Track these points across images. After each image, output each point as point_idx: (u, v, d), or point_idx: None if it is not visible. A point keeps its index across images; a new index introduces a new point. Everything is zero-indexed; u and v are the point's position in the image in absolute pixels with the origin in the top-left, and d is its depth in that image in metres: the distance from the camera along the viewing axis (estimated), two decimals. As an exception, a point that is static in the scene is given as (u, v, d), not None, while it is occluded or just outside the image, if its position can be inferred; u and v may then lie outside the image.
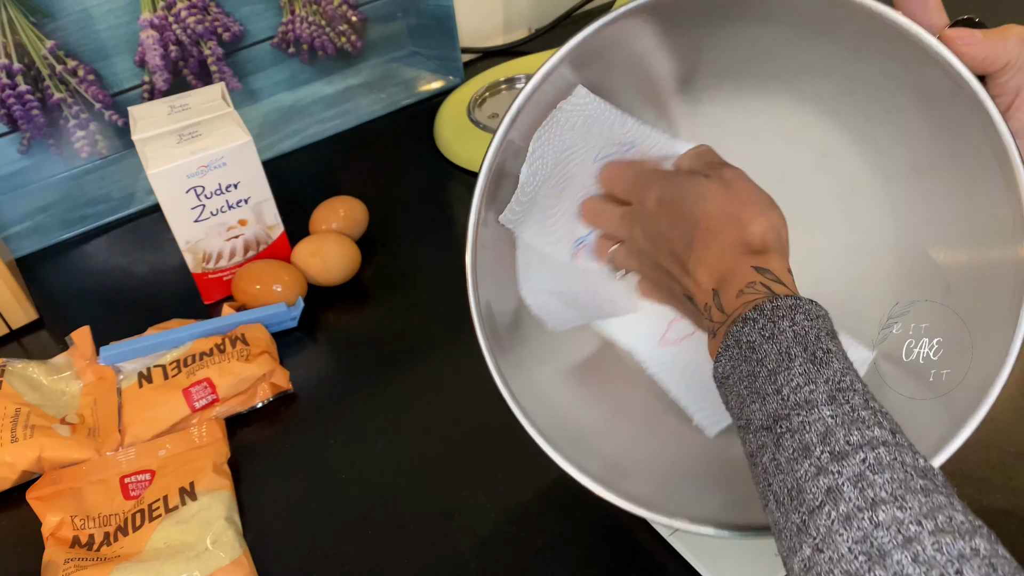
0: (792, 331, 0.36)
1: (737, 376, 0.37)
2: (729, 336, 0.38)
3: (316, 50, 0.91)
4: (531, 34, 1.03)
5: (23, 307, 0.67)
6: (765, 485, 0.35)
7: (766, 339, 0.36)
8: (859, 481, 0.31)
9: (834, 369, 0.35)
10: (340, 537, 0.51)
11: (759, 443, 0.35)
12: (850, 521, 0.30)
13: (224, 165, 0.62)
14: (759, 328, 0.37)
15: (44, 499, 0.53)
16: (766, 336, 0.36)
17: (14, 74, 0.76)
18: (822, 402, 0.33)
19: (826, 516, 0.31)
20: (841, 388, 0.34)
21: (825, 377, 0.34)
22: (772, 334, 0.36)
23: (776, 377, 0.35)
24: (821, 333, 0.36)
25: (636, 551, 0.49)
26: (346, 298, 0.69)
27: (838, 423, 0.33)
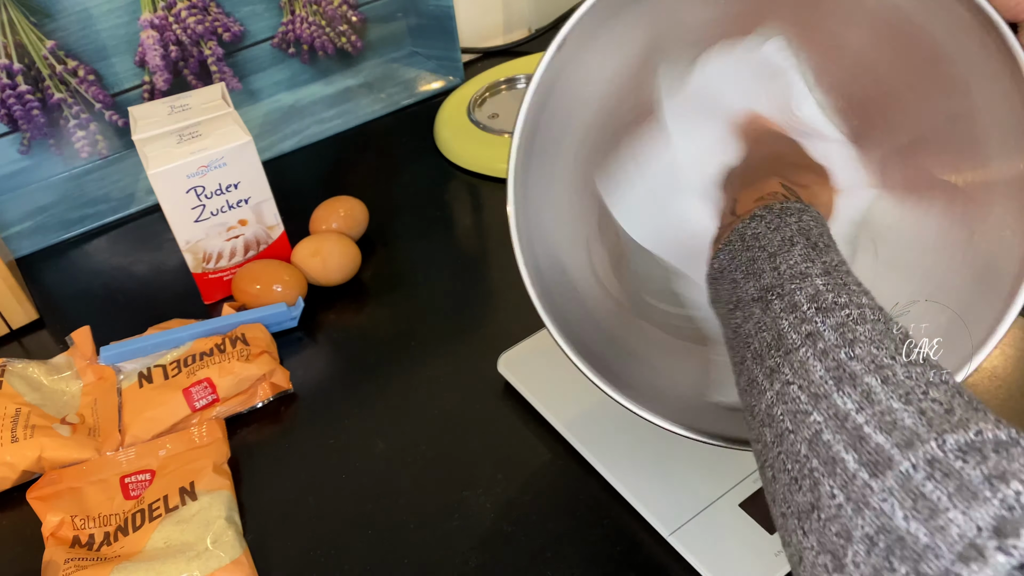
0: (797, 225, 0.37)
1: (735, 264, 0.38)
2: (734, 232, 0.39)
3: (316, 50, 0.91)
4: (531, 34, 1.03)
5: (23, 307, 0.67)
6: (743, 349, 0.35)
7: (771, 230, 0.37)
8: (840, 327, 0.32)
9: (832, 256, 0.36)
10: (340, 537, 0.51)
11: (746, 314, 0.36)
12: (826, 354, 0.31)
13: (224, 165, 0.62)
14: (766, 222, 0.38)
15: (44, 499, 0.53)
16: (772, 228, 0.37)
17: (14, 74, 0.76)
18: (817, 274, 0.34)
19: (803, 352, 0.32)
20: (839, 270, 0.35)
21: (824, 260, 0.35)
22: (777, 227, 0.37)
23: (775, 259, 0.36)
24: (825, 232, 0.37)
25: (636, 551, 0.49)
26: (346, 298, 0.69)
27: (829, 288, 0.34)
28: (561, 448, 0.55)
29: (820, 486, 0.28)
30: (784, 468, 0.30)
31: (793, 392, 0.31)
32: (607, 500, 0.51)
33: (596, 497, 0.52)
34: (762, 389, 0.33)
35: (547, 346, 0.59)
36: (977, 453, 0.26)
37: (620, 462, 0.52)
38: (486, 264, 0.71)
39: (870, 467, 0.27)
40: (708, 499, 0.49)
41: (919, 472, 0.26)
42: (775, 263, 0.36)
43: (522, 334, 0.60)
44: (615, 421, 0.54)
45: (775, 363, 0.33)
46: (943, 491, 0.25)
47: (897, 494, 0.26)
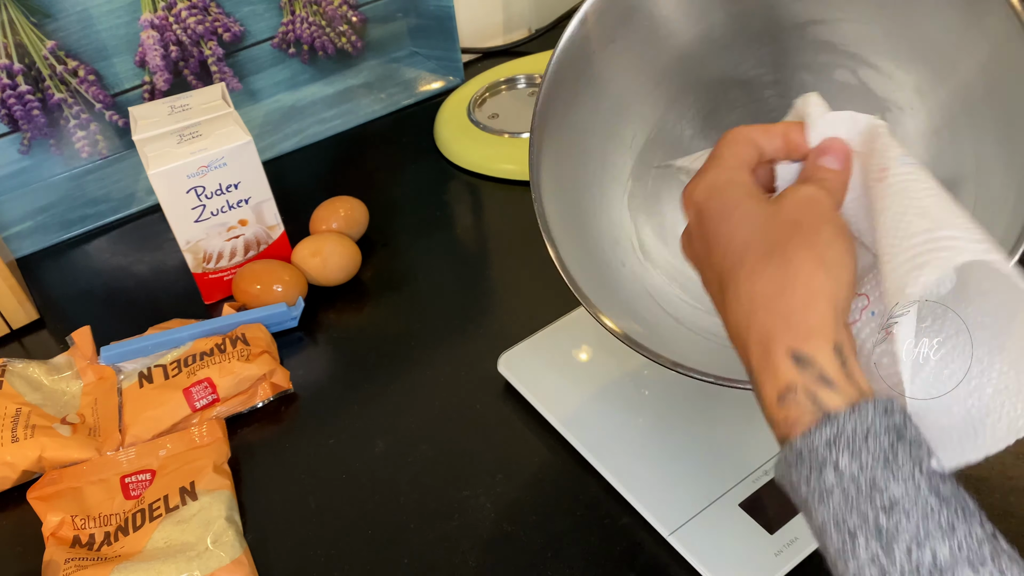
0: (840, 490, 0.30)
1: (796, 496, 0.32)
2: (777, 468, 0.33)
3: (316, 50, 0.91)
4: (531, 34, 1.03)
5: (24, 307, 0.67)
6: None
7: (818, 500, 0.30)
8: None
9: (906, 540, 0.29)
10: (340, 537, 0.51)
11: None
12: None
13: (224, 165, 0.62)
14: (804, 478, 0.31)
15: (45, 499, 0.53)
16: (817, 497, 0.31)
17: (15, 74, 0.76)
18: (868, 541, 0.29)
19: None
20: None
21: (899, 565, 0.28)
22: (820, 493, 0.30)
23: (846, 557, 0.30)
24: (875, 474, 0.30)
25: (636, 551, 0.49)
26: (346, 298, 0.69)
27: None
28: (561, 448, 0.55)
29: None
30: None
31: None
32: (607, 500, 0.51)
33: (596, 497, 0.52)
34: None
35: (547, 346, 0.60)
36: None
37: (620, 462, 0.52)
38: (486, 264, 0.71)
39: None
40: (708, 499, 0.49)
41: None
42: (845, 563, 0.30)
43: (522, 334, 0.60)
44: (615, 421, 0.54)
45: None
46: None
47: None
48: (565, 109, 0.50)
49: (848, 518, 0.30)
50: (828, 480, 0.30)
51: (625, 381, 0.56)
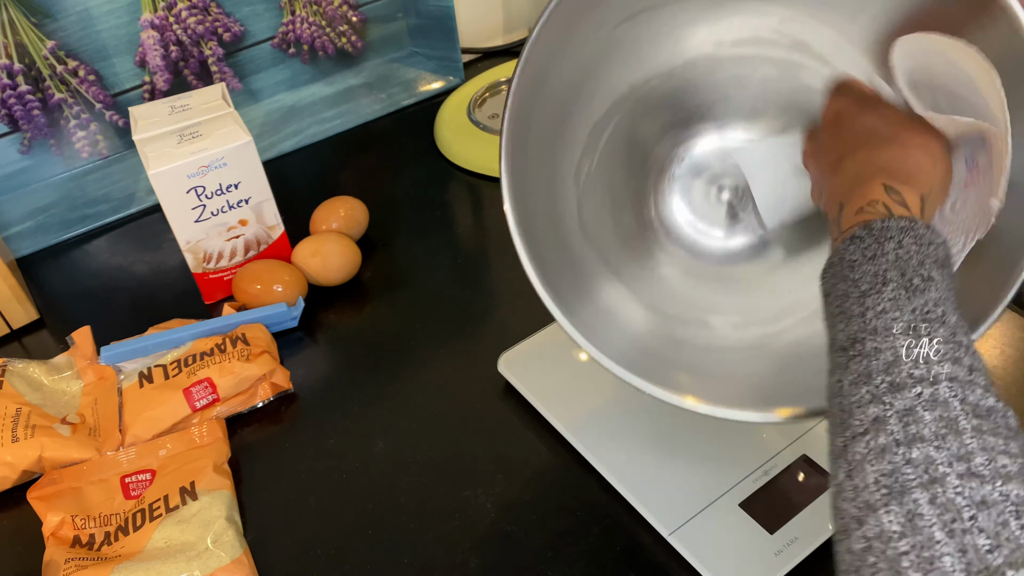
0: (895, 254, 0.35)
1: (834, 294, 0.37)
2: (835, 253, 0.38)
3: (316, 50, 0.91)
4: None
5: (24, 307, 0.67)
6: (829, 403, 0.35)
7: (867, 260, 0.35)
8: (907, 415, 0.30)
9: (927, 299, 0.34)
10: (340, 537, 0.51)
11: (835, 363, 0.35)
12: (883, 454, 0.30)
13: (225, 165, 0.62)
14: (863, 248, 0.36)
15: (45, 499, 0.53)
16: (868, 257, 0.36)
17: (15, 74, 0.76)
18: (900, 331, 0.33)
19: (864, 445, 0.31)
20: (928, 319, 0.33)
21: (914, 306, 0.33)
22: (874, 255, 0.35)
23: (865, 300, 0.34)
24: (927, 259, 0.35)
25: (636, 551, 0.49)
26: (346, 298, 0.69)
27: (908, 355, 0.32)
28: (561, 448, 0.55)
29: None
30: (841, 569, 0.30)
31: (850, 492, 0.30)
32: (607, 500, 0.51)
33: (596, 497, 0.52)
34: (834, 469, 0.32)
35: (547, 346, 0.60)
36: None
37: (620, 462, 0.52)
38: (486, 264, 0.71)
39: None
40: (708, 499, 0.49)
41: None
42: (863, 306, 0.34)
43: (522, 334, 0.60)
44: (615, 421, 0.54)
45: (842, 445, 0.32)
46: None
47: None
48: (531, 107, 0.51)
49: (891, 272, 0.35)
50: (888, 248, 0.35)
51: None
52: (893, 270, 0.35)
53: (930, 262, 0.35)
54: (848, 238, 0.37)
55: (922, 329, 0.33)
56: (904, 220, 0.36)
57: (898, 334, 0.33)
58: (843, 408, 0.33)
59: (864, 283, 0.35)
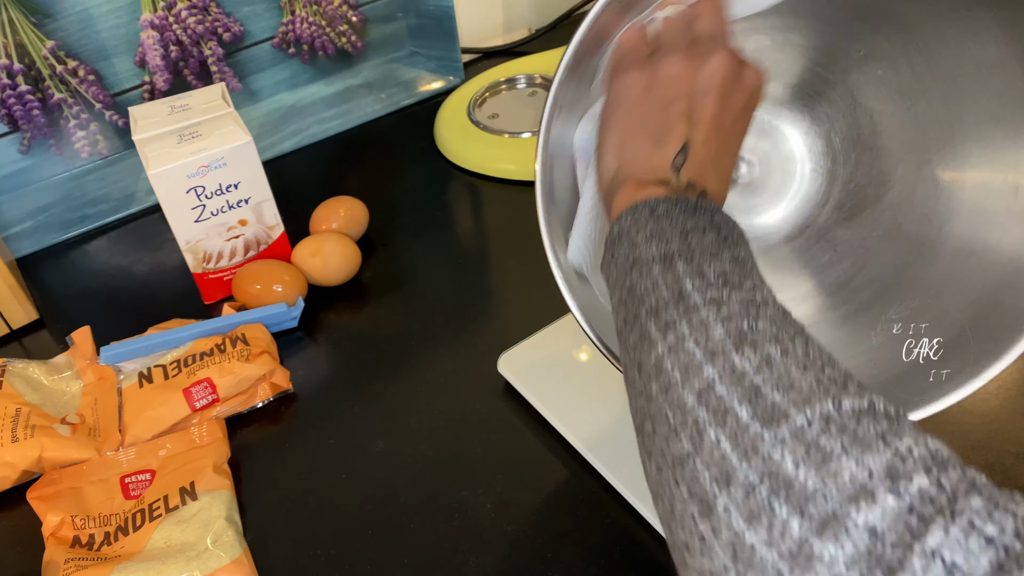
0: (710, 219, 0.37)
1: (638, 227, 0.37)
2: (643, 203, 0.38)
3: (316, 50, 0.91)
4: (531, 34, 1.03)
5: (23, 307, 0.67)
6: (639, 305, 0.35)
7: (685, 216, 0.37)
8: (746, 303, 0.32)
9: (742, 252, 0.36)
10: (340, 537, 0.51)
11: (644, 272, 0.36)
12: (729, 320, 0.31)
13: (224, 165, 0.62)
14: (680, 208, 0.37)
15: (44, 499, 0.53)
16: (686, 214, 0.37)
17: (15, 74, 0.76)
18: (727, 258, 0.35)
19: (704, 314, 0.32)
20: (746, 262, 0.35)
21: (733, 252, 0.35)
22: (692, 215, 0.37)
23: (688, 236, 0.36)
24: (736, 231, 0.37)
25: (636, 551, 0.49)
26: (346, 298, 0.69)
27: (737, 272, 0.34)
28: (561, 448, 0.55)
29: (705, 434, 0.29)
30: (665, 419, 0.31)
31: (688, 347, 0.31)
32: (607, 500, 0.51)
33: (596, 497, 0.52)
34: (653, 342, 0.33)
35: (547, 346, 0.60)
36: (870, 416, 0.26)
37: (620, 462, 0.52)
38: (486, 264, 0.71)
39: (764, 420, 0.27)
40: (708, 499, 0.49)
41: (814, 426, 0.27)
42: (686, 238, 0.35)
43: (522, 334, 0.60)
44: (615, 421, 0.54)
45: (672, 318, 0.33)
46: (837, 442, 0.26)
47: (789, 444, 0.26)
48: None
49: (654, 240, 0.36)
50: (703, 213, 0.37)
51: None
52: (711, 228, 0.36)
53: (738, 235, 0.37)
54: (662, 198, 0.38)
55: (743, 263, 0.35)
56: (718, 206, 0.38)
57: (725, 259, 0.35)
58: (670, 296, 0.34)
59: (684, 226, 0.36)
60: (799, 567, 0.24)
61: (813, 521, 0.25)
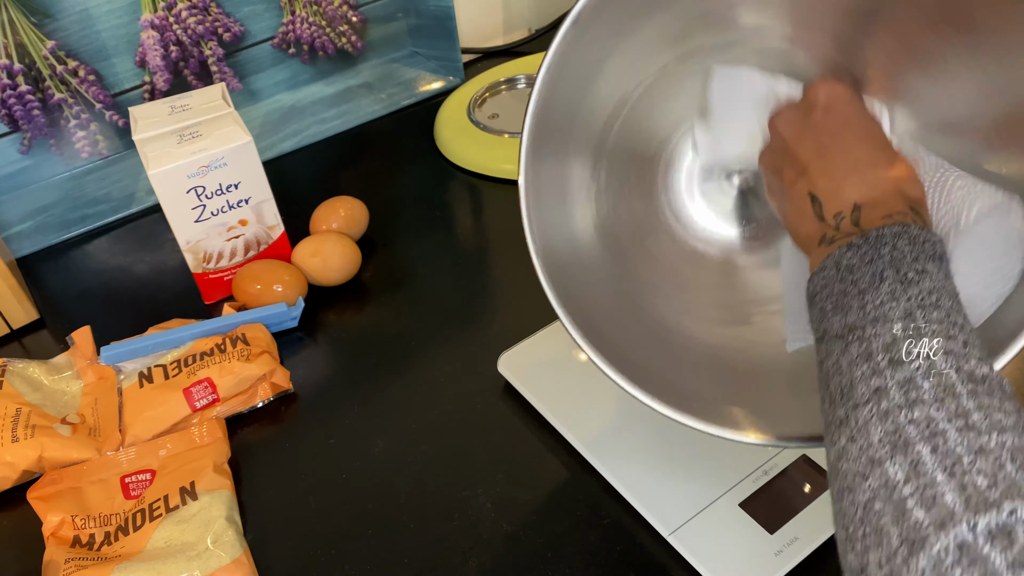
0: (890, 256, 0.37)
1: (826, 293, 0.39)
2: (829, 258, 0.39)
3: (316, 50, 0.91)
4: (531, 34, 1.03)
5: (24, 307, 0.67)
6: (824, 387, 0.37)
7: (864, 263, 0.37)
8: (906, 384, 0.33)
9: (922, 288, 0.36)
10: (340, 537, 0.51)
11: (828, 350, 0.37)
12: (887, 416, 0.32)
13: (225, 165, 0.62)
14: (860, 254, 0.38)
15: (45, 499, 0.53)
16: (865, 261, 0.37)
17: (15, 74, 0.76)
18: (897, 317, 0.35)
19: (868, 410, 0.33)
20: (923, 305, 0.35)
21: (909, 295, 0.35)
22: (871, 259, 0.37)
23: (864, 296, 0.36)
24: (921, 255, 0.37)
25: (636, 551, 0.49)
26: (346, 298, 0.69)
27: (907, 334, 0.34)
28: (561, 448, 0.55)
29: (869, 554, 0.30)
30: (843, 524, 0.32)
31: (854, 452, 0.33)
32: (607, 500, 0.51)
33: (596, 497, 0.52)
34: (834, 438, 0.35)
35: (547, 346, 0.60)
36: (1005, 537, 0.27)
37: (620, 462, 0.52)
38: (486, 264, 0.71)
39: (909, 544, 0.28)
40: (708, 499, 0.49)
41: (950, 556, 0.27)
42: (863, 301, 0.36)
43: (522, 334, 0.60)
44: (615, 421, 0.54)
45: (844, 414, 0.34)
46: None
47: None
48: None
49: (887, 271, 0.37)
50: (883, 252, 0.37)
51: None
52: (889, 268, 0.36)
53: (924, 257, 0.37)
54: (845, 246, 0.39)
55: (917, 314, 0.35)
56: (898, 226, 0.38)
57: (895, 319, 0.35)
58: (842, 385, 0.35)
59: (863, 282, 0.37)
60: None
61: None
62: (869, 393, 0.33)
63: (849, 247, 0.38)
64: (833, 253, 0.39)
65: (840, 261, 0.38)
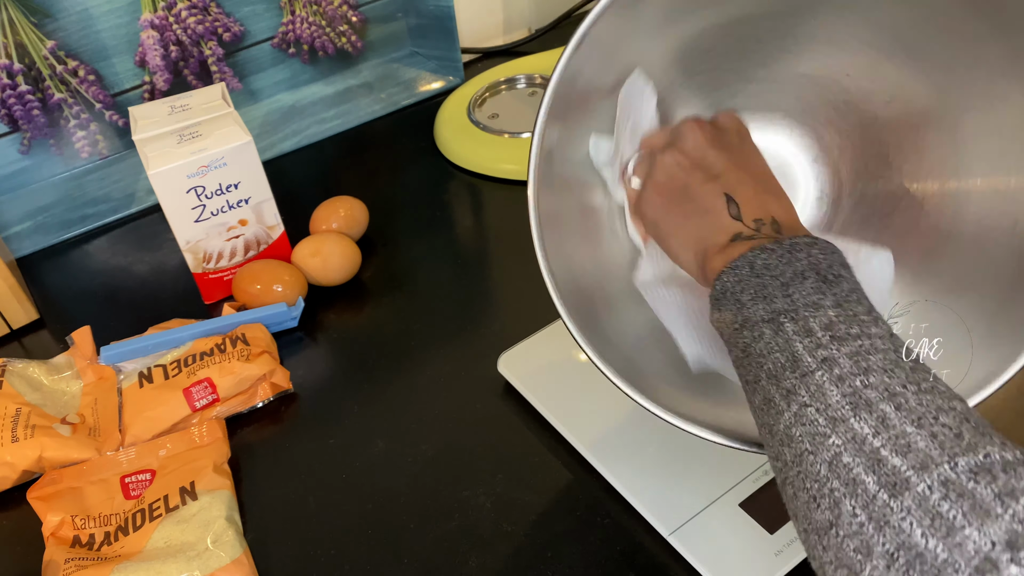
0: (807, 260, 0.38)
1: (741, 287, 0.39)
2: (742, 258, 0.39)
3: (316, 50, 0.91)
4: (531, 34, 1.03)
5: (24, 307, 0.67)
6: (756, 367, 0.37)
7: (783, 263, 0.38)
8: (855, 355, 0.33)
9: (842, 287, 0.37)
10: (340, 537, 0.51)
11: (756, 334, 0.37)
12: (842, 380, 0.33)
13: (224, 165, 0.62)
14: (776, 256, 0.38)
15: (45, 499, 0.53)
16: (783, 261, 0.38)
17: (15, 74, 0.76)
18: (829, 305, 0.36)
19: (819, 377, 0.33)
20: (848, 299, 0.36)
21: (835, 291, 0.36)
22: (789, 260, 0.38)
23: (788, 288, 0.37)
24: (835, 262, 0.38)
25: (636, 551, 0.49)
26: (346, 298, 0.69)
27: (841, 320, 0.35)
28: (561, 448, 0.55)
29: (841, 505, 0.30)
30: (804, 487, 0.32)
31: (811, 415, 0.33)
32: (607, 500, 0.51)
33: (596, 497, 0.52)
34: (780, 410, 0.34)
35: (547, 346, 0.60)
36: (987, 473, 0.28)
37: (620, 462, 0.52)
38: (486, 264, 0.71)
39: (889, 488, 0.29)
40: (708, 499, 0.49)
41: (935, 492, 0.28)
42: (787, 292, 0.37)
43: (522, 334, 0.60)
44: (615, 421, 0.54)
45: (791, 384, 0.34)
46: (958, 510, 0.27)
47: (915, 513, 0.28)
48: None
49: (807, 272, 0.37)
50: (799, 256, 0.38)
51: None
52: (809, 270, 0.37)
53: (838, 264, 0.38)
54: (759, 248, 0.39)
55: (846, 306, 0.36)
56: (808, 237, 0.40)
57: (827, 307, 0.36)
58: (782, 361, 0.35)
59: (784, 277, 0.37)
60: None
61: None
62: (817, 363, 0.34)
63: (763, 250, 0.39)
64: (746, 254, 0.39)
65: (755, 262, 0.39)
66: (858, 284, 0.38)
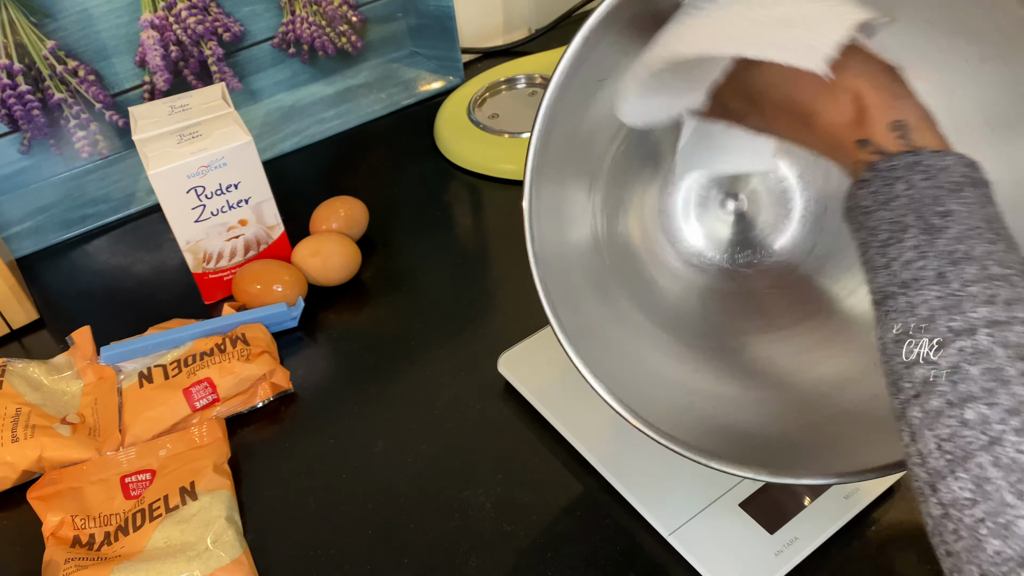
0: (908, 196, 0.34)
1: (857, 240, 0.36)
2: (849, 195, 0.37)
3: (316, 50, 0.91)
4: (531, 34, 1.03)
5: (24, 307, 0.67)
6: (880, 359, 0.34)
7: (880, 205, 0.35)
8: (954, 373, 0.30)
9: (950, 236, 0.33)
10: (340, 537, 0.51)
11: (875, 317, 0.34)
12: (939, 418, 0.30)
13: (224, 165, 0.62)
14: (872, 192, 0.35)
15: (45, 499, 0.53)
16: (880, 202, 0.35)
17: (15, 74, 0.76)
18: (930, 280, 0.32)
19: (919, 409, 0.31)
20: (955, 260, 0.32)
21: (938, 250, 0.33)
22: (887, 199, 0.35)
23: (887, 250, 0.34)
24: (942, 193, 0.34)
25: (636, 551, 0.49)
26: (346, 298, 0.69)
27: (943, 306, 0.32)
28: (561, 448, 0.55)
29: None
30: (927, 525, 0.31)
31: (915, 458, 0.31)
32: (607, 500, 0.51)
33: (596, 497, 0.52)
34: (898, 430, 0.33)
35: (547, 346, 0.60)
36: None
37: (620, 462, 0.52)
38: (486, 264, 0.71)
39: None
40: (708, 499, 0.49)
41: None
42: (887, 257, 0.34)
43: (522, 334, 0.60)
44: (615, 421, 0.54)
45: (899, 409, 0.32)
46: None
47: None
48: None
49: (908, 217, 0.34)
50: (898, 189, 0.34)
51: (625, 381, 0.57)
52: (910, 214, 0.34)
53: (945, 193, 0.34)
54: (857, 181, 0.36)
55: (950, 274, 0.32)
56: (909, 156, 0.35)
57: (928, 285, 0.32)
58: (892, 370, 0.33)
59: (882, 231, 0.34)
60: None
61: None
62: (918, 386, 0.31)
63: (860, 183, 0.35)
64: (850, 189, 0.36)
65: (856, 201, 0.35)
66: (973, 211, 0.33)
